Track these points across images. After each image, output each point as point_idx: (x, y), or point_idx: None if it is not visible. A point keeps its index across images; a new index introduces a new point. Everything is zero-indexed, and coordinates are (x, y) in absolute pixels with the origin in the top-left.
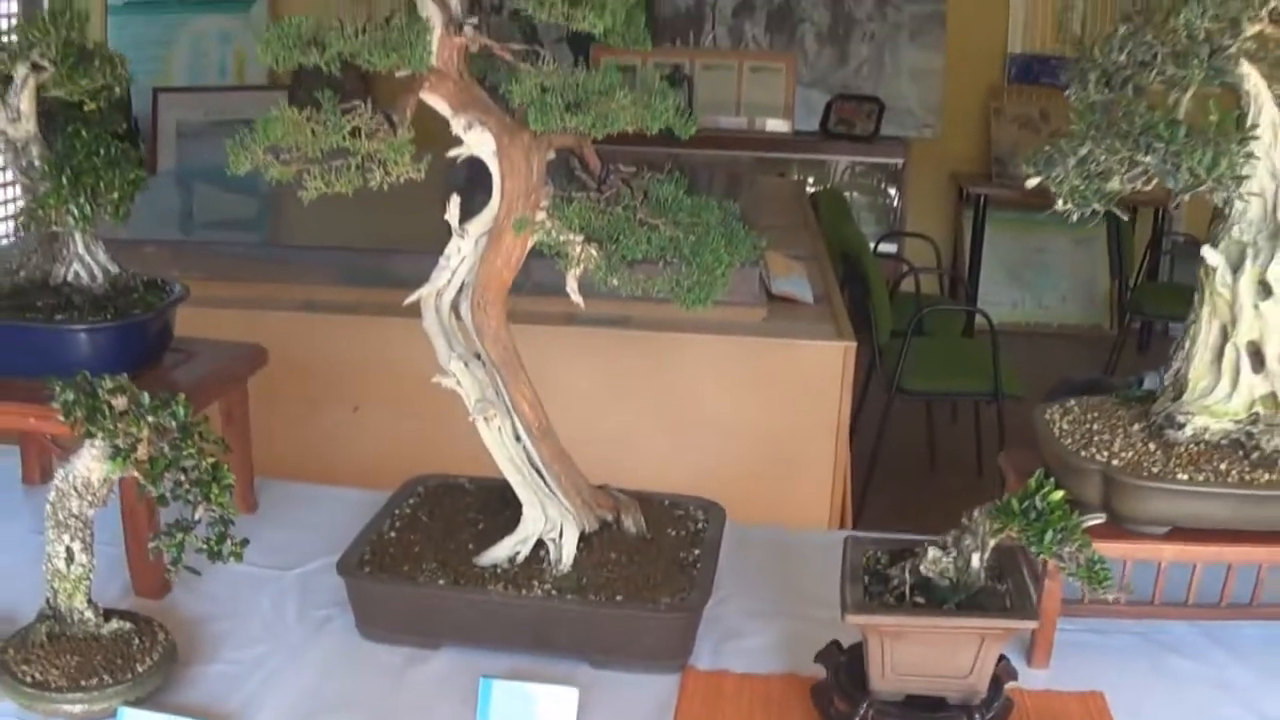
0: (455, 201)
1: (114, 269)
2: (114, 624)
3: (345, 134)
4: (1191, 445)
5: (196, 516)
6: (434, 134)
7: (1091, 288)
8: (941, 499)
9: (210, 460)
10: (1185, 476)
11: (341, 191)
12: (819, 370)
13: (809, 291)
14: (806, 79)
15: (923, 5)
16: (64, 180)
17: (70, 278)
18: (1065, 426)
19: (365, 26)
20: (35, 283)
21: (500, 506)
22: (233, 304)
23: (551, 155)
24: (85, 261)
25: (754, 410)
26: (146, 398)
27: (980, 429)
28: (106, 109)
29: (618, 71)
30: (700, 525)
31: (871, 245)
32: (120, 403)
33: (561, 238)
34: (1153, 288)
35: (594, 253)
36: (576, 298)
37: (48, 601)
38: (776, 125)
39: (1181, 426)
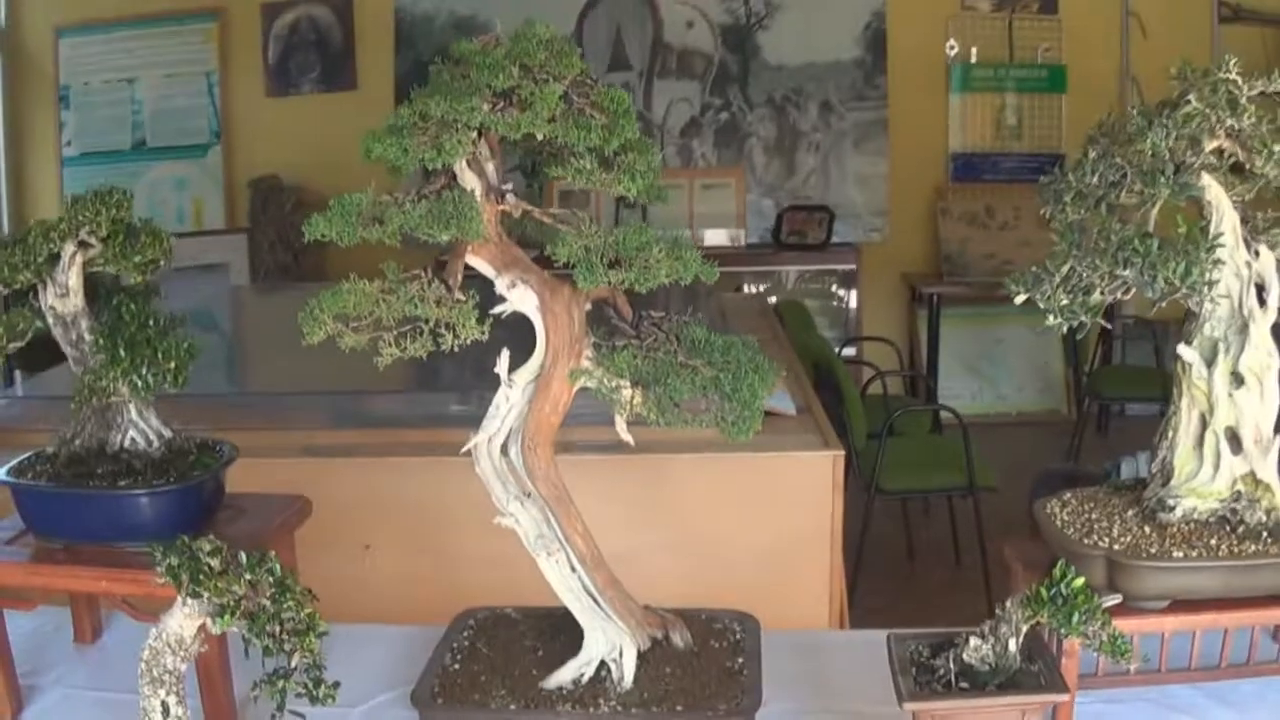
0: (505, 355)
1: (167, 433)
2: None
3: (415, 302)
4: (1183, 525)
5: (293, 664)
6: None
7: (1047, 374)
8: (925, 591)
9: (307, 611)
10: (1180, 554)
11: (416, 355)
12: (809, 480)
13: (791, 403)
14: (756, 191)
15: (865, 113)
16: (121, 351)
17: (128, 444)
18: (1066, 518)
19: (418, 198)
20: (92, 450)
21: (554, 633)
22: None
23: (589, 306)
24: (140, 428)
25: (750, 522)
26: (245, 557)
27: (955, 521)
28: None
29: (649, 230)
30: (739, 636)
31: None
32: (217, 563)
33: (610, 383)
34: (1108, 371)
35: (638, 396)
36: (626, 437)
37: None
38: (730, 238)
39: (1172, 509)
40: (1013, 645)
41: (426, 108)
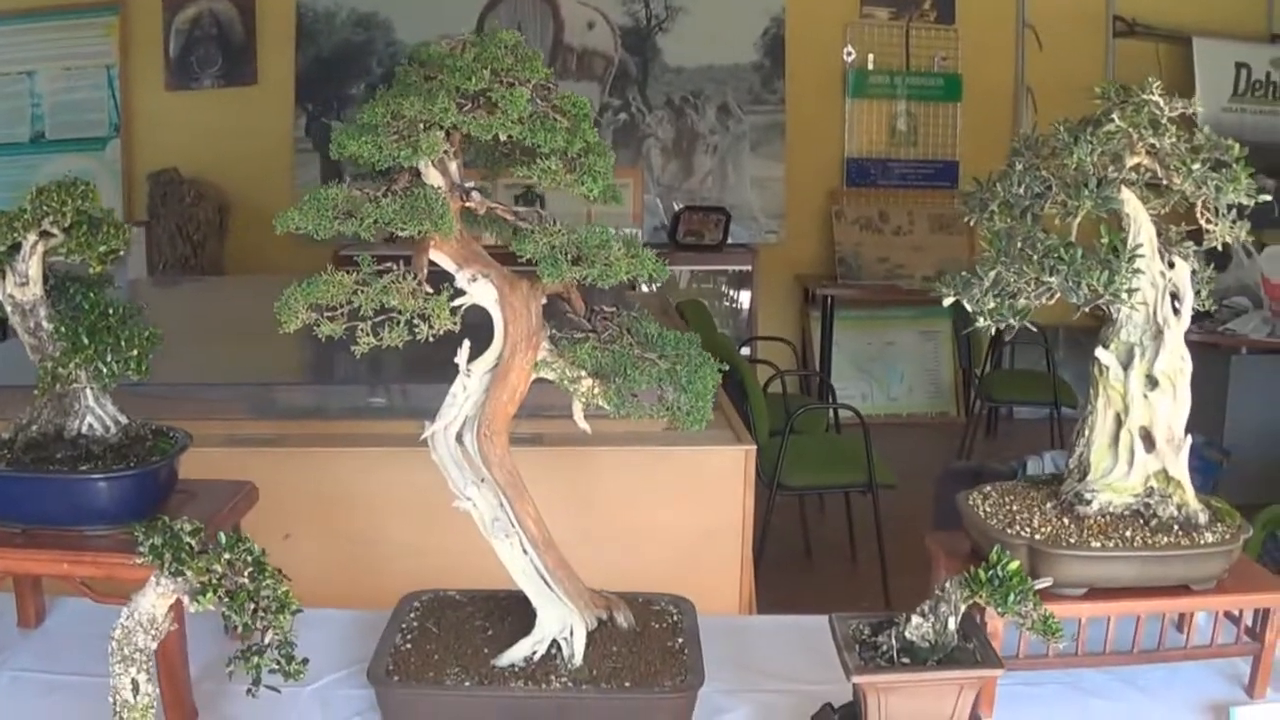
0: (466, 346)
1: (124, 419)
2: None
3: (391, 293)
4: (1099, 517)
5: (266, 641)
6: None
7: (937, 377)
8: (823, 586)
9: (282, 590)
10: (1098, 544)
11: (392, 345)
12: (722, 473)
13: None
14: (653, 191)
15: (763, 116)
16: (84, 339)
17: (85, 430)
18: (988, 509)
19: (387, 195)
20: (49, 436)
21: (502, 614)
22: None
23: (544, 301)
24: (97, 414)
25: (666, 513)
26: (223, 537)
27: (852, 519)
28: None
29: (608, 230)
30: (676, 617)
31: None
32: (196, 543)
33: (571, 374)
34: (999, 375)
35: (597, 387)
36: (585, 425)
37: None
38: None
39: (1089, 502)
40: (952, 624)
41: (399, 107)
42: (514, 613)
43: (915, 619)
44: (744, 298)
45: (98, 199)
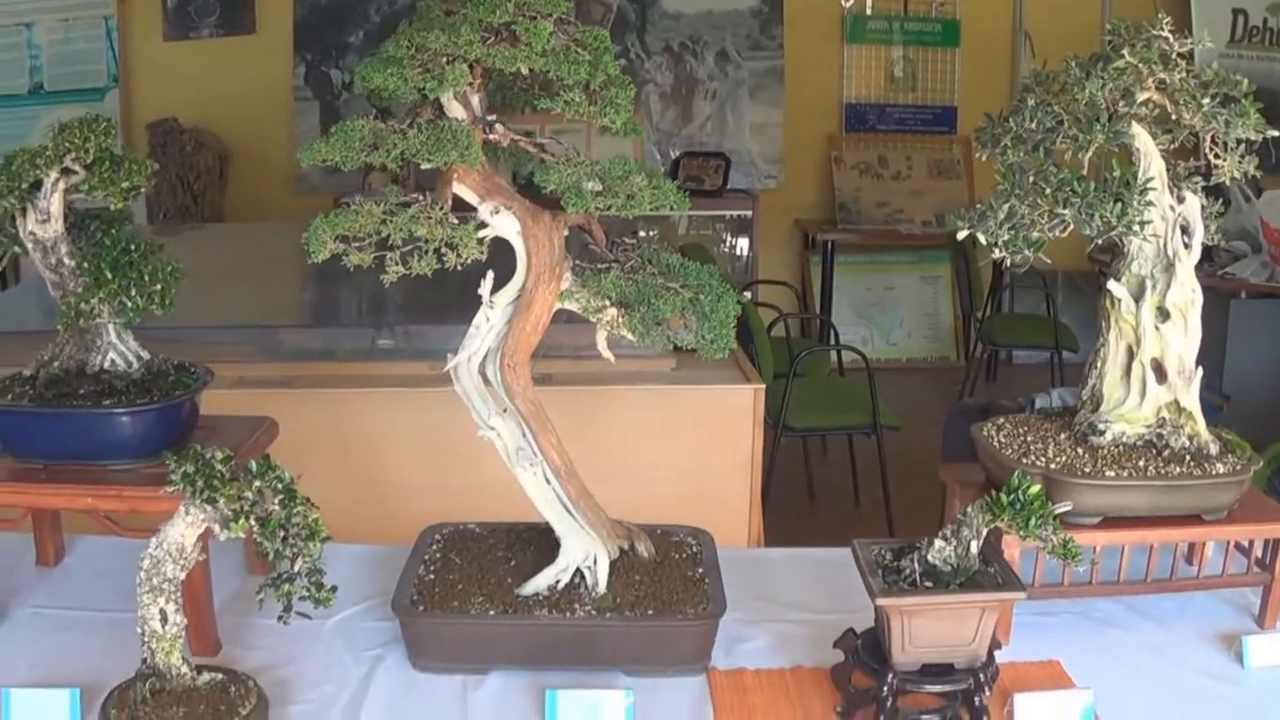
0: (489, 277)
1: (145, 355)
2: (206, 676)
3: (419, 222)
4: (1112, 447)
5: (296, 568)
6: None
7: (936, 322)
8: (827, 528)
9: (313, 517)
10: (1112, 474)
11: (421, 273)
12: (731, 412)
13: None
14: (653, 138)
15: (761, 62)
16: (107, 274)
17: (107, 365)
18: (1003, 440)
19: (412, 127)
20: (72, 372)
21: (522, 545)
22: None
23: (566, 232)
24: (120, 350)
25: (673, 451)
26: (253, 465)
27: (855, 462)
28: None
29: (631, 160)
30: (695, 549)
31: None
32: (228, 471)
33: (596, 303)
34: (1001, 319)
35: (620, 316)
36: (608, 354)
37: (144, 661)
38: None
39: (1102, 433)
40: (974, 547)
41: (424, 40)
42: (535, 544)
43: (938, 543)
44: (744, 243)
45: (118, 136)
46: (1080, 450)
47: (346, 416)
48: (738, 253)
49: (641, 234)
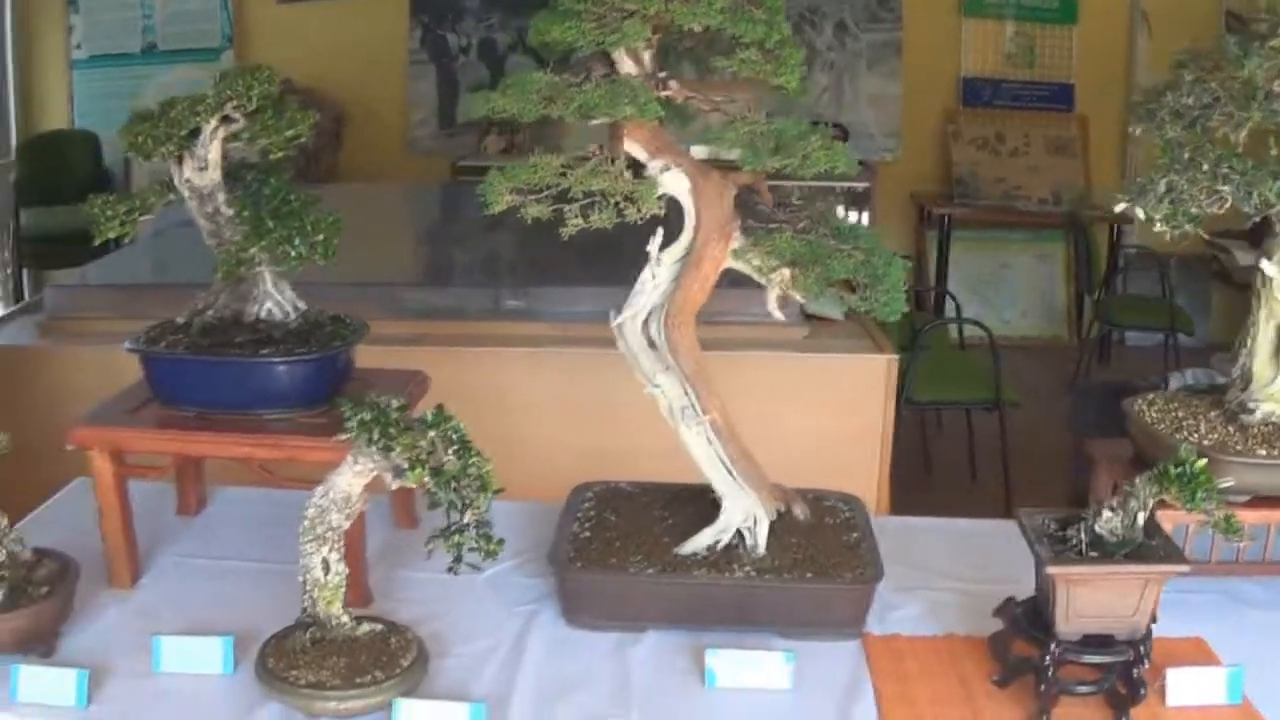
0: (659, 234)
1: (302, 305)
2: (366, 626)
3: (600, 175)
4: (1262, 426)
5: (465, 520)
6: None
7: (1050, 301)
8: (944, 504)
9: (486, 469)
10: (1264, 452)
11: (601, 226)
12: (863, 382)
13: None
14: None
15: (879, 34)
16: (269, 223)
17: (264, 314)
18: (1154, 415)
19: (587, 80)
20: (226, 320)
21: (679, 504)
22: None
23: (735, 192)
24: (276, 299)
25: (804, 419)
26: (429, 415)
27: (973, 437)
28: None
29: (805, 122)
30: (848, 514)
31: None
32: (403, 420)
33: (770, 263)
34: (1119, 299)
35: (792, 276)
36: (779, 314)
37: (304, 609)
38: None
39: (1252, 411)
40: (1141, 519)
41: None
42: (692, 504)
43: (1105, 513)
44: (860, 217)
45: (277, 83)
46: (1231, 428)
47: (476, 375)
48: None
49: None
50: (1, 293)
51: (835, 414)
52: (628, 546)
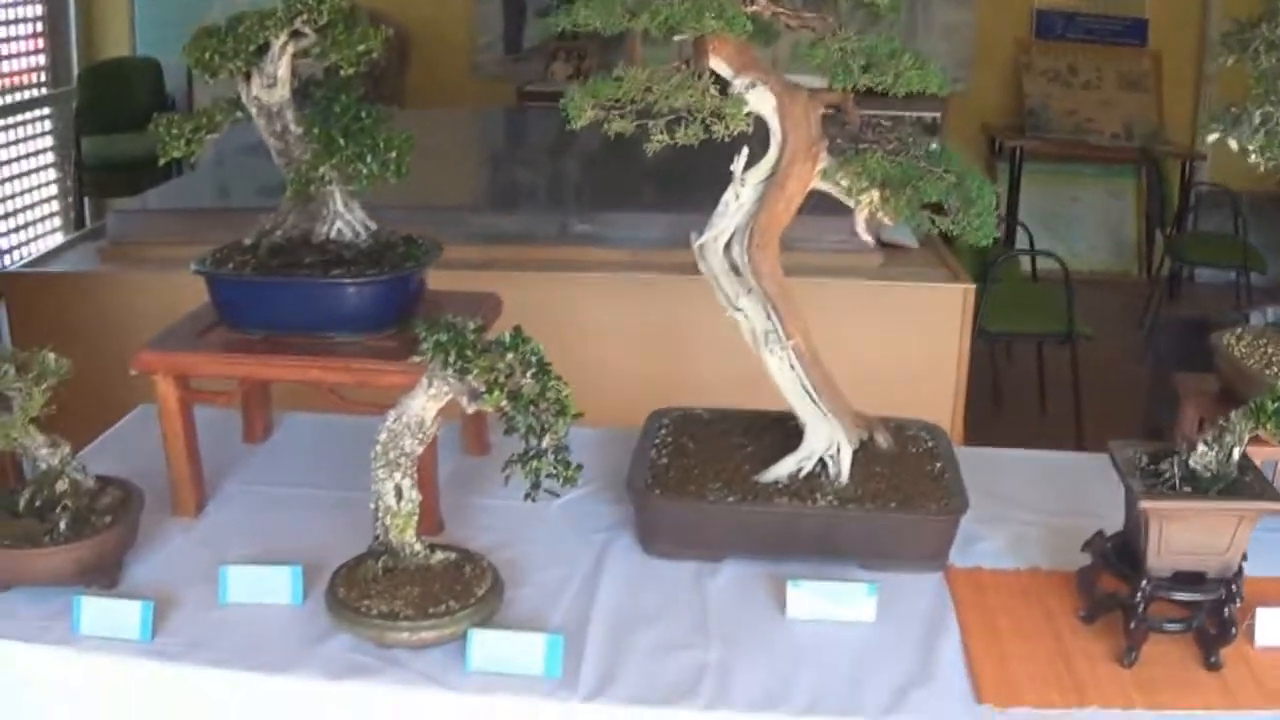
0: (744, 153)
1: (373, 225)
2: (440, 555)
3: (687, 90)
4: None
5: (543, 445)
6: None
7: (1119, 236)
8: (1014, 436)
9: (566, 393)
10: None
11: (687, 142)
12: (940, 311)
13: (912, 237)
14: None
15: None
16: (340, 141)
17: (334, 235)
18: (1243, 350)
19: None
20: (295, 241)
21: (757, 432)
22: None
23: (822, 111)
24: (346, 219)
25: (879, 347)
26: (507, 336)
27: (1043, 369)
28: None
29: (897, 39)
30: (930, 443)
31: None
32: (480, 342)
33: (858, 184)
34: (1191, 236)
35: (883, 198)
36: (867, 237)
37: (376, 537)
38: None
39: None
40: (1236, 454)
41: None
42: (770, 431)
43: (1200, 447)
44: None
45: None
46: None
47: (544, 300)
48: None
49: None
50: (62, 222)
51: (911, 343)
52: (706, 474)
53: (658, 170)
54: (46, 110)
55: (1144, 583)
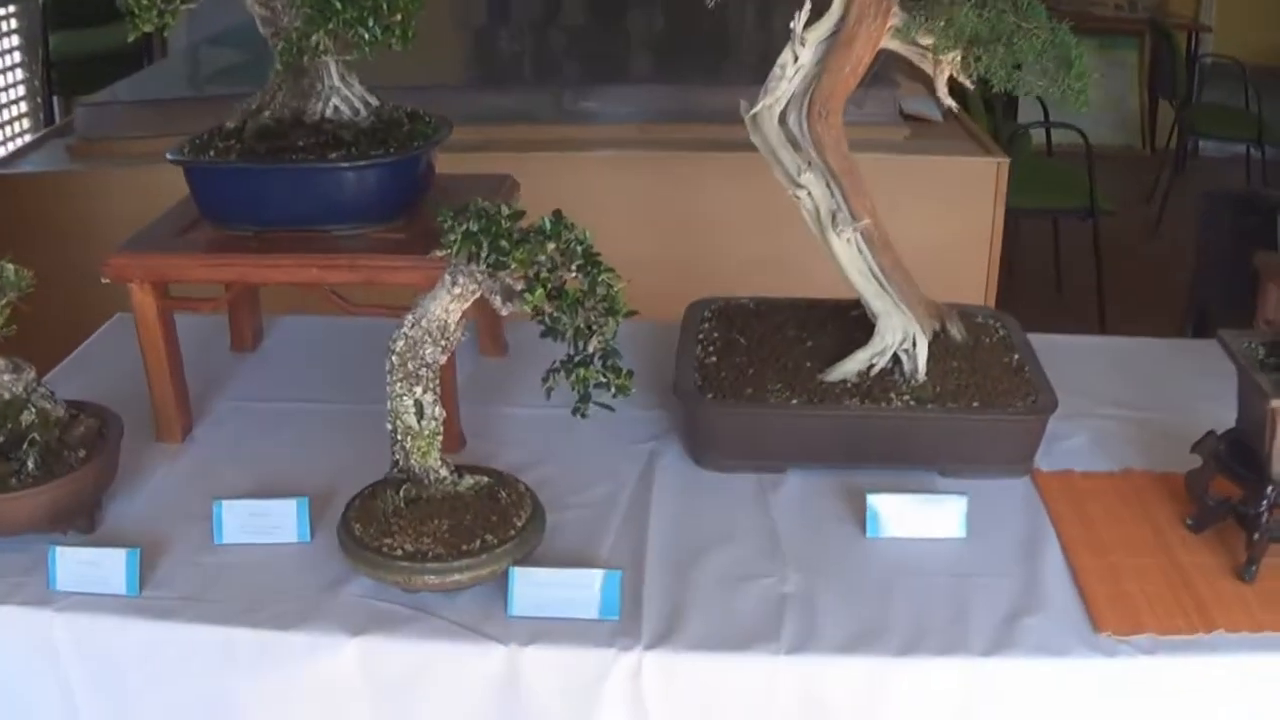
0: (807, 7)
1: (374, 100)
2: (469, 479)
3: None
4: None
5: (590, 349)
6: None
7: (1123, 109)
8: (1029, 313)
9: (618, 288)
10: None
11: None
12: (971, 186)
13: (937, 109)
14: None
15: None
16: (337, 3)
17: (330, 113)
18: None
19: None
20: (286, 122)
21: (814, 324)
22: None
23: None
24: (344, 94)
25: (907, 224)
26: (547, 222)
27: (1059, 246)
28: None
29: None
30: (1002, 332)
31: None
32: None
33: (942, 41)
34: (1201, 108)
35: (969, 57)
36: (949, 101)
37: (395, 463)
38: None
39: None
40: None
41: None
42: (829, 322)
43: None
44: None
45: None
46: None
47: (547, 183)
48: None
49: None
50: (31, 124)
51: (941, 220)
52: (763, 374)
53: (657, 39)
54: (12, 8)
55: (1269, 489)
